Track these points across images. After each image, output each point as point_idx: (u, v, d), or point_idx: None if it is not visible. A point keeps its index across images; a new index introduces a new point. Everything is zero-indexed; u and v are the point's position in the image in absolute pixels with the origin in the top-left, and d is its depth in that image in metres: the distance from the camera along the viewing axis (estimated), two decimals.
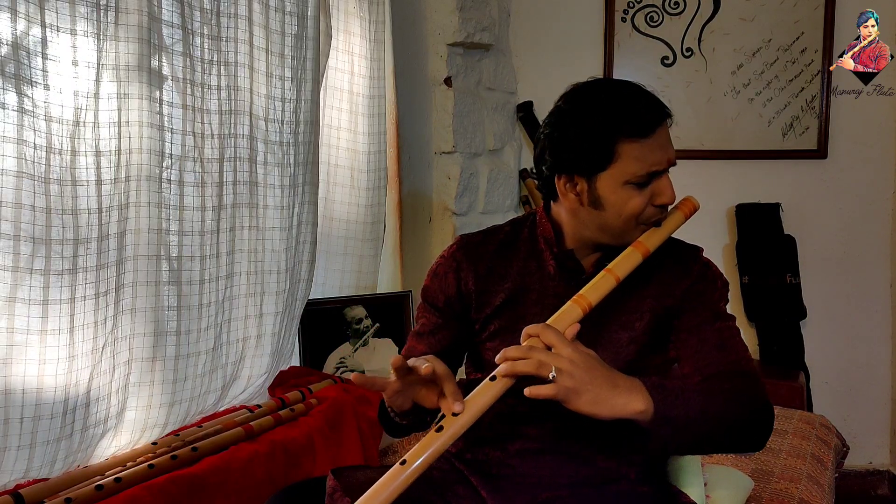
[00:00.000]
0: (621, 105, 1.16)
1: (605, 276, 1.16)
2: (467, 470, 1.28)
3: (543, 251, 1.30)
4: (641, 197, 1.18)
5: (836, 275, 2.94)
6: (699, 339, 1.22)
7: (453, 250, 1.34)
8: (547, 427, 1.23)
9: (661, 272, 1.26)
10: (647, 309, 1.24)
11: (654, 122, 1.16)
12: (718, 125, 2.94)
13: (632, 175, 1.16)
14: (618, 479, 1.23)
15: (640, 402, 1.05)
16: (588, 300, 1.13)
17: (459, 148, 2.72)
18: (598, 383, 1.04)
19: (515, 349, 1.06)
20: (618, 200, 1.18)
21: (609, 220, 1.20)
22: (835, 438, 2.16)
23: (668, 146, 1.19)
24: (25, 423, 1.35)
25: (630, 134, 1.15)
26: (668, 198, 1.19)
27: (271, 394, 1.96)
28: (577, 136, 1.17)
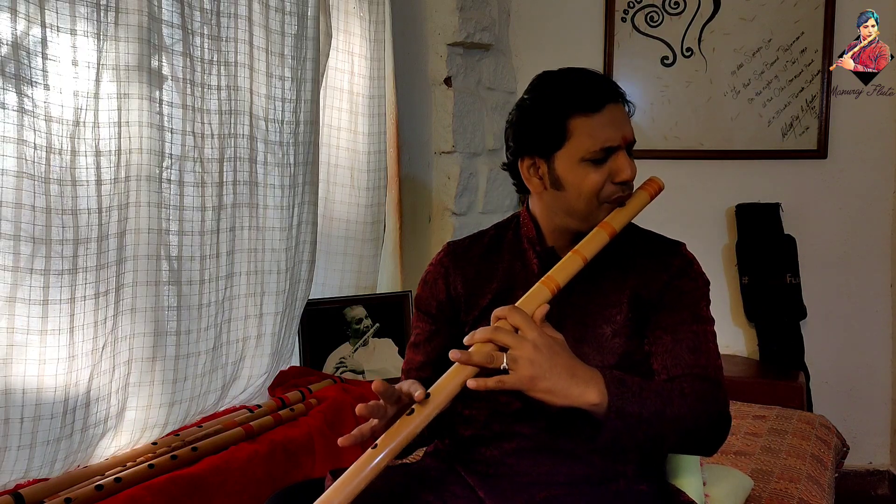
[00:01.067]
0: (571, 84, 1.21)
1: (572, 256, 1.18)
2: (464, 470, 1.28)
3: (527, 250, 1.31)
4: (599, 174, 1.19)
5: (836, 275, 2.94)
6: (674, 338, 1.22)
7: (441, 257, 1.37)
8: (541, 425, 1.24)
9: (639, 265, 1.27)
10: (625, 300, 1.25)
11: (602, 99, 1.19)
12: (718, 125, 2.94)
13: (585, 151, 1.18)
14: (615, 477, 1.23)
15: (595, 394, 1.06)
16: (556, 281, 1.15)
17: (459, 148, 2.72)
18: (556, 371, 1.05)
19: (482, 331, 1.07)
20: (576, 179, 1.20)
21: (571, 201, 1.22)
22: (835, 438, 2.16)
23: (622, 124, 1.20)
24: (25, 423, 1.35)
25: (579, 109, 1.18)
26: (626, 174, 1.19)
27: (271, 394, 1.96)
28: (532, 117, 1.22)
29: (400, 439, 1.03)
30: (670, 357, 1.21)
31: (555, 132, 1.20)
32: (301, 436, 1.76)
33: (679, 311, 1.23)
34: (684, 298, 1.24)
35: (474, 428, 1.29)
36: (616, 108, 1.20)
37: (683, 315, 1.23)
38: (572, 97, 1.19)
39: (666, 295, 1.24)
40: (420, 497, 1.20)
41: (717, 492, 1.55)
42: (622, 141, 1.20)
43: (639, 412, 1.08)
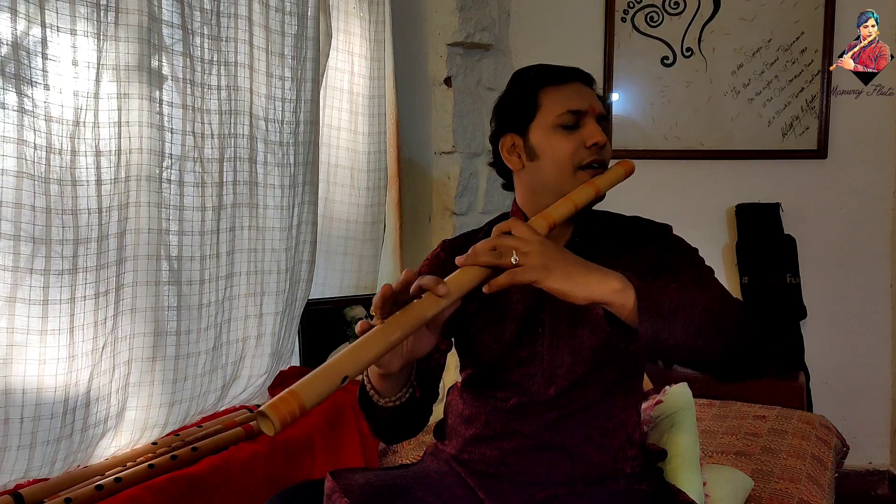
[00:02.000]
0: (541, 66, 1.34)
1: (564, 201, 1.20)
2: (464, 471, 1.28)
3: None
4: (570, 140, 1.25)
5: (836, 275, 2.94)
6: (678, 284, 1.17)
7: (437, 252, 1.39)
8: (539, 422, 1.24)
9: (629, 246, 1.30)
10: None
11: (570, 75, 1.30)
12: (718, 125, 2.94)
13: (555, 116, 1.26)
14: (614, 475, 1.24)
15: (618, 281, 1.01)
16: (552, 216, 1.16)
17: (459, 148, 2.72)
18: (570, 261, 1.02)
19: (485, 241, 1.04)
20: (549, 146, 1.26)
21: (547, 170, 1.27)
22: (835, 438, 2.16)
23: (589, 97, 1.28)
24: (25, 423, 1.35)
25: (548, 82, 1.29)
26: (597, 137, 1.24)
27: (271, 394, 1.96)
28: (507, 97, 1.35)
29: (409, 318, 0.98)
30: None
31: (527, 105, 1.29)
32: (301, 436, 1.76)
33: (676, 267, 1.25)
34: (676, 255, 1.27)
35: (475, 427, 1.29)
36: (584, 86, 1.29)
37: (680, 265, 1.25)
38: (541, 73, 1.31)
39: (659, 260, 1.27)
40: (420, 498, 1.20)
41: (717, 492, 1.55)
42: (589, 108, 1.26)
43: (669, 301, 1.02)
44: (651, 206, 1.28)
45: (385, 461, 2.01)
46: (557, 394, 1.24)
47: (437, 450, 1.36)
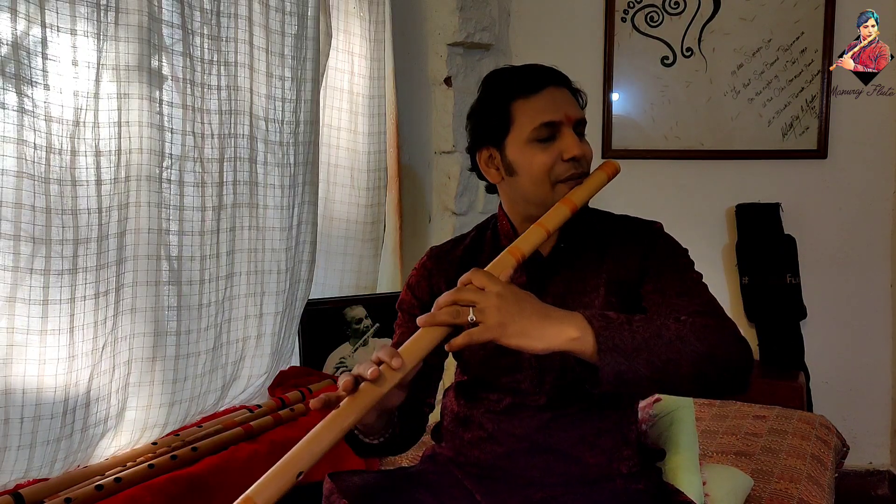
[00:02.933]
0: (511, 73, 1.27)
1: (535, 228, 1.18)
2: (461, 473, 1.28)
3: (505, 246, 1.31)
4: (547, 154, 1.21)
5: (836, 275, 2.94)
6: (662, 294, 1.19)
7: (423, 261, 1.38)
8: (532, 424, 1.24)
9: (614, 248, 1.27)
10: (601, 284, 1.25)
11: (542, 81, 1.23)
12: (718, 125, 2.94)
13: (529, 130, 1.21)
14: (610, 476, 1.23)
15: (574, 329, 1.01)
16: (521, 250, 1.15)
17: (459, 147, 2.72)
18: (526, 314, 1.01)
19: (445, 294, 1.05)
20: (525, 161, 1.22)
21: (525, 185, 1.24)
22: (835, 438, 2.16)
23: (564, 103, 1.23)
24: (25, 423, 1.35)
25: (520, 93, 1.22)
26: (574, 151, 1.20)
27: (271, 394, 1.96)
28: (479, 109, 1.28)
29: (366, 400, 0.99)
30: (664, 308, 1.17)
31: (500, 118, 1.24)
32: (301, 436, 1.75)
33: (660, 271, 1.22)
34: (662, 258, 1.24)
35: (470, 430, 1.29)
36: (557, 91, 1.24)
37: (665, 271, 1.22)
38: (512, 83, 1.24)
39: (645, 264, 1.24)
40: (419, 500, 1.20)
41: (716, 491, 1.55)
42: (564, 118, 1.22)
43: (631, 338, 1.02)
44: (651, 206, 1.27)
45: (384, 463, 2.01)
46: (548, 399, 1.23)
47: (435, 452, 1.36)
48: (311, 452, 0.95)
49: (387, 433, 1.21)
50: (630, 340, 1.02)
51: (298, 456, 0.95)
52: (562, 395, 1.23)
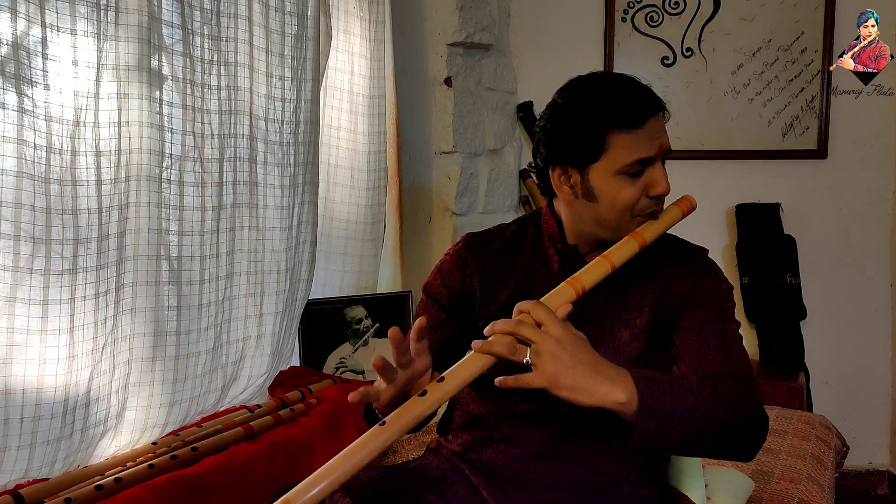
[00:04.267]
0: (612, 97, 1.17)
1: (601, 261, 1.15)
2: (469, 469, 1.28)
3: (548, 248, 1.29)
4: (634, 188, 1.17)
5: (836, 275, 2.94)
6: (700, 337, 1.20)
7: (459, 248, 1.34)
8: (550, 431, 1.23)
9: (663, 269, 1.25)
10: (646, 305, 1.24)
11: (644, 114, 1.16)
12: (718, 125, 2.94)
13: (622, 165, 1.15)
14: (619, 482, 1.23)
15: (623, 393, 1.02)
16: (582, 283, 1.12)
17: (459, 148, 2.72)
18: (579, 369, 1.01)
19: (504, 322, 1.04)
20: (610, 192, 1.17)
21: (603, 213, 1.19)
22: (835, 438, 2.16)
23: (659, 134, 1.18)
24: (25, 423, 1.35)
25: (620, 125, 1.15)
26: (662, 188, 1.17)
27: (271, 394, 1.96)
28: (569, 128, 1.18)
29: (408, 419, 1.00)
30: (699, 356, 1.19)
31: (592, 146, 1.16)
32: (301, 436, 1.76)
33: (704, 311, 1.22)
34: (708, 299, 1.23)
35: (484, 429, 1.28)
36: (655, 122, 1.17)
37: (708, 314, 1.21)
38: (613, 111, 1.15)
39: (690, 297, 1.23)
40: (423, 497, 1.20)
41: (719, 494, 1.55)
42: (659, 150, 1.17)
43: (671, 410, 1.05)
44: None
45: (386, 460, 2.01)
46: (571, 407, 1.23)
47: (440, 445, 1.35)
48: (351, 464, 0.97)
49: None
50: (669, 410, 1.05)
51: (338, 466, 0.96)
52: None
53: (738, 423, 1.12)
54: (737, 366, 1.18)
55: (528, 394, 1.24)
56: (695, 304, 1.22)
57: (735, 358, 1.19)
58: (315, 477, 0.95)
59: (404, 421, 1.00)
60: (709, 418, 1.08)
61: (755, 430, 1.15)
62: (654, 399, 1.04)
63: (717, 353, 1.18)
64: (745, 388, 1.16)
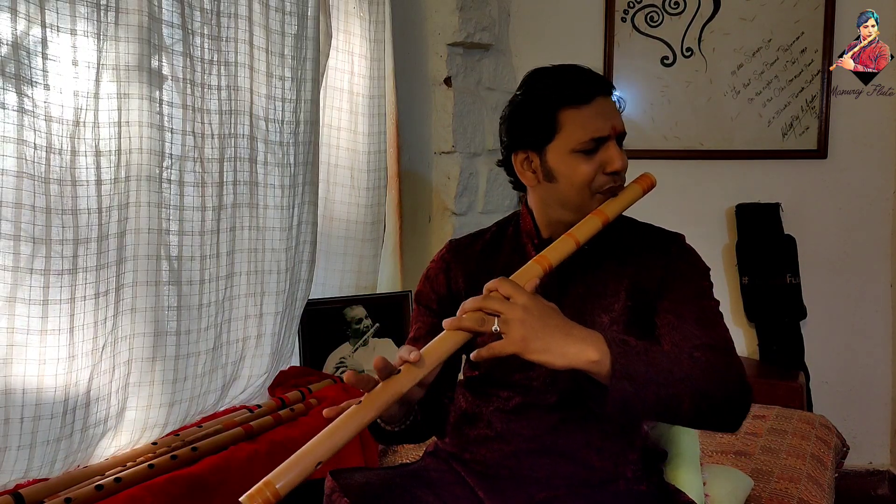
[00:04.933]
0: (561, 78, 1.24)
1: (566, 238, 1.18)
2: (464, 470, 1.28)
3: (526, 244, 1.33)
4: (590, 165, 1.21)
5: (836, 275, 2.94)
6: (677, 315, 1.21)
7: (442, 253, 1.38)
8: (541, 426, 1.24)
9: (639, 254, 1.28)
10: (622, 289, 1.26)
11: (592, 91, 1.21)
12: (718, 125, 2.94)
13: (576, 142, 1.20)
14: (615, 478, 1.23)
15: (595, 352, 1.03)
16: (549, 259, 1.15)
17: (459, 148, 2.72)
18: (549, 331, 1.03)
19: (472, 300, 1.06)
20: (567, 170, 1.22)
21: (564, 192, 1.23)
22: (835, 438, 2.16)
23: (611, 115, 1.22)
24: (25, 423, 1.35)
25: (569, 102, 1.21)
26: (617, 165, 1.21)
27: (271, 394, 1.96)
28: (524, 111, 1.25)
29: (385, 398, 1.01)
30: (677, 333, 1.20)
31: (546, 125, 1.22)
32: (301, 436, 1.75)
33: (681, 290, 1.23)
34: (685, 278, 1.25)
35: (477, 427, 1.29)
36: (605, 101, 1.23)
37: (686, 293, 1.23)
38: (562, 90, 1.22)
39: (666, 278, 1.25)
40: (419, 497, 1.20)
41: (717, 492, 1.55)
42: (612, 131, 1.21)
43: (646, 370, 1.05)
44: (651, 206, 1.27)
45: (385, 461, 2.01)
46: (559, 398, 1.24)
47: (438, 448, 1.36)
48: (332, 444, 0.97)
49: (406, 422, 1.22)
50: (643, 371, 1.05)
51: (318, 446, 0.97)
52: (573, 394, 1.23)
53: (716, 390, 1.11)
54: (716, 339, 1.19)
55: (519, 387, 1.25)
56: (671, 285, 1.24)
57: (714, 332, 1.20)
58: (296, 457, 0.96)
59: (381, 399, 1.01)
60: (685, 381, 1.08)
61: (736, 398, 1.14)
62: (627, 360, 1.04)
63: (695, 328, 1.20)
64: (724, 358, 1.16)
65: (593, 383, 1.07)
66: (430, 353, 1.05)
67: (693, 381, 1.08)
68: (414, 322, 1.38)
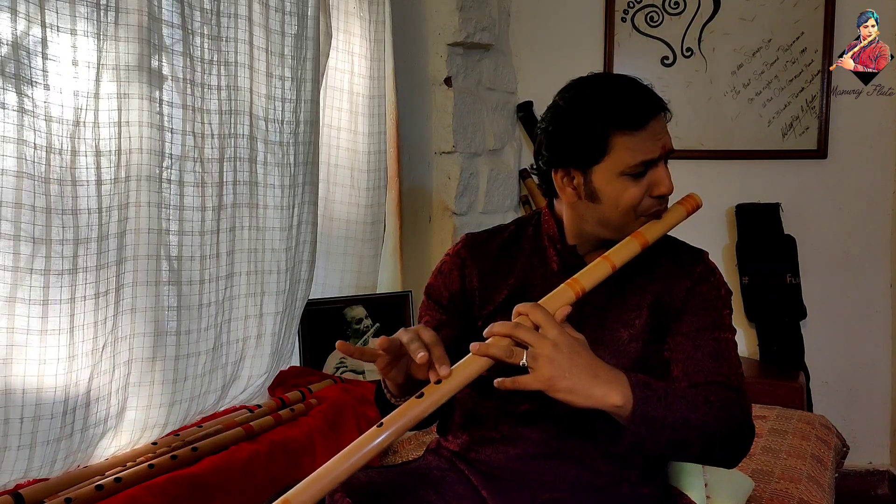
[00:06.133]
0: (614, 98, 1.17)
1: (602, 262, 1.15)
2: (468, 469, 1.28)
3: (547, 248, 1.30)
4: (638, 188, 1.17)
5: (836, 275, 2.94)
6: (694, 344, 1.20)
7: (458, 248, 1.35)
8: (550, 430, 1.23)
9: (663, 271, 1.26)
10: (645, 305, 1.24)
11: (646, 115, 1.16)
12: (718, 125, 2.94)
13: (625, 166, 1.15)
14: (619, 481, 1.23)
15: (619, 397, 1.03)
16: (582, 284, 1.12)
17: (459, 148, 2.72)
18: (576, 372, 1.02)
19: (502, 325, 1.05)
20: (613, 192, 1.17)
21: (607, 213, 1.19)
22: (835, 438, 2.16)
23: (662, 135, 1.18)
24: (25, 423, 1.35)
25: (623, 126, 1.15)
26: (665, 188, 1.17)
27: (271, 394, 1.96)
28: (572, 129, 1.18)
29: (405, 421, 1.01)
30: (692, 363, 1.19)
31: (595, 147, 1.16)
32: (301, 436, 1.76)
33: (700, 318, 1.22)
34: (706, 305, 1.23)
35: (483, 428, 1.28)
36: (657, 122, 1.17)
37: (705, 321, 1.22)
38: (615, 112, 1.15)
39: (688, 301, 1.23)
40: (422, 496, 1.20)
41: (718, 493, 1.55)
42: (662, 151, 1.17)
43: (663, 417, 1.06)
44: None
45: (386, 460, 2.01)
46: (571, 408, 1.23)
47: (440, 446, 1.35)
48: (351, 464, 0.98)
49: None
50: (661, 417, 1.06)
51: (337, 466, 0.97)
52: None
53: (726, 434, 1.14)
54: (729, 376, 1.19)
55: (528, 395, 1.24)
56: (692, 310, 1.23)
57: (728, 368, 1.20)
58: (314, 477, 0.96)
59: (401, 422, 1.01)
60: (699, 428, 1.09)
61: (742, 440, 1.17)
62: (648, 405, 1.05)
63: (710, 361, 1.19)
64: (736, 399, 1.17)
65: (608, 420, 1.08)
66: (455, 375, 1.04)
67: (706, 428, 1.10)
68: (422, 315, 1.36)
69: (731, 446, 1.16)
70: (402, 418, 1.01)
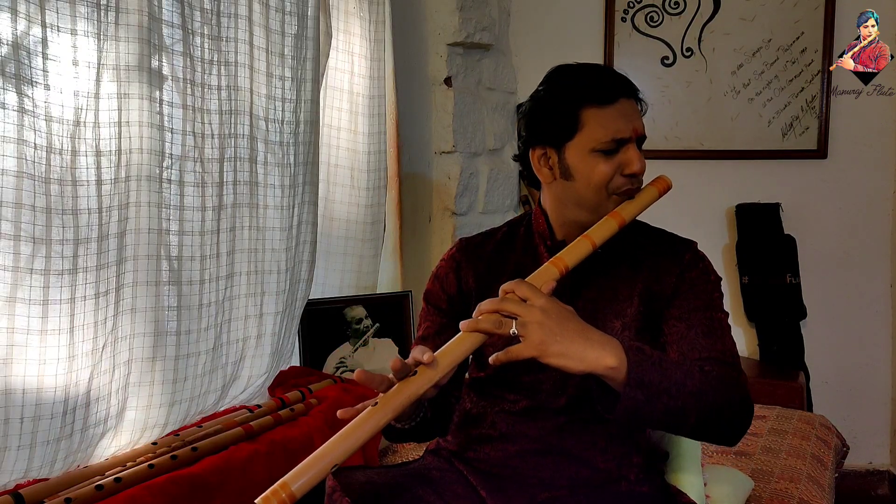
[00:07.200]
0: (585, 77, 1.23)
1: (582, 240, 1.18)
2: (467, 469, 1.28)
3: (538, 245, 1.32)
4: (609, 165, 1.20)
5: (836, 275, 2.94)
6: (687, 325, 1.21)
7: (453, 252, 1.38)
8: (547, 427, 1.24)
9: (652, 260, 1.27)
10: (636, 294, 1.25)
11: (616, 92, 1.21)
12: (718, 125, 2.94)
13: (597, 142, 1.19)
14: (617, 479, 1.24)
15: (613, 358, 1.03)
16: (565, 262, 1.14)
17: (459, 148, 2.72)
18: (568, 335, 1.03)
19: (489, 302, 1.06)
20: (586, 169, 1.21)
21: (580, 191, 1.23)
22: (835, 438, 2.16)
23: (633, 117, 1.22)
24: (25, 423, 1.35)
25: (593, 101, 1.20)
26: (635, 167, 1.20)
27: (271, 394, 1.96)
28: (545, 107, 1.24)
29: (400, 399, 1.02)
30: (686, 342, 1.20)
31: (567, 122, 1.21)
32: (301, 436, 1.76)
33: (691, 300, 1.23)
34: (696, 289, 1.24)
35: (481, 427, 1.29)
36: (628, 103, 1.22)
37: (696, 303, 1.23)
38: (586, 88, 1.21)
39: (678, 287, 1.24)
40: (422, 496, 1.20)
41: (718, 493, 1.55)
42: (633, 133, 1.21)
43: (659, 381, 1.05)
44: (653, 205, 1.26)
45: (385, 460, 2.01)
46: (568, 401, 1.23)
47: (439, 446, 1.36)
48: (347, 446, 0.98)
49: (417, 419, 1.22)
50: (657, 382, 1.05)
51: (334, 448, 0.98)
52: (581, 397, 1.23)
53: (723, 405, 1.12)
54: (724, 352, 1.19)
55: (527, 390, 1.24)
56: (683, 294, 1.24)
57: (722, 345, 1.20)
58: (312, 459, 0.97)
59: (396, 401, 1.01)
60: (696, 395, 1.08)
61: (740, 414, 1.16)
62: (643, 368, 1.04)
63: (704, 339, 1.20)
64: (732, 373, 1.17)
65: (603, 387, 1.07)
66: (446, 354, 1.05)
67: (703, 396, 1.09)
68: (423, 321, 1.38)
69: (728, 421, 1.14)
70: (396, 397, 1.02)
